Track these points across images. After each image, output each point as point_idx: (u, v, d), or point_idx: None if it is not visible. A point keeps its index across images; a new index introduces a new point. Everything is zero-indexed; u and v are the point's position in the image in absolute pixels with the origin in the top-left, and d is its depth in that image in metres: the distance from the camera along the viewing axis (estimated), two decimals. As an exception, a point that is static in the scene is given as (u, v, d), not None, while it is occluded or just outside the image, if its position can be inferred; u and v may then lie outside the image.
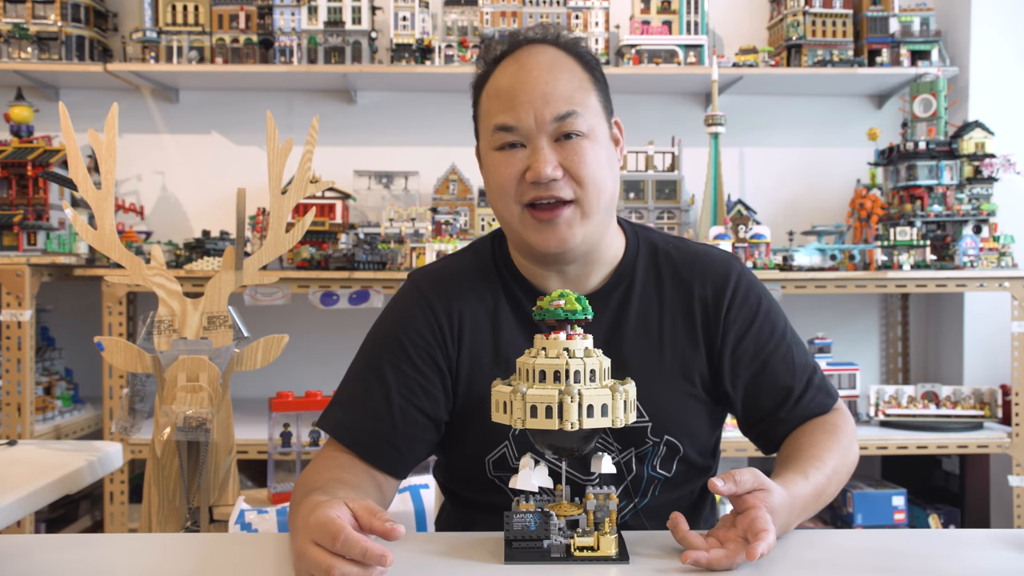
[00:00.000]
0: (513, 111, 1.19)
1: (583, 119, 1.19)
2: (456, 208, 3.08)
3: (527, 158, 1.19)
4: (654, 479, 1.26)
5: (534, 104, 1.18)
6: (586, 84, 1.22)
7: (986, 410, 2.90)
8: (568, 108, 1.18)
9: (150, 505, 1.42)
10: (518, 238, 1.25)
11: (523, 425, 0.98)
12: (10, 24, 3.00)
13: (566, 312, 1.00)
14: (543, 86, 1.18)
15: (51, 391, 2.89)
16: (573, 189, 1.19)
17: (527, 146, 1.20)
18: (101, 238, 1.43)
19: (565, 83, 1.20)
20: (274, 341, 1.47)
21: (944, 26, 3.29)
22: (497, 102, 1.22)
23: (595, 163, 1.19)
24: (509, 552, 1.00)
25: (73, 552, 1.11)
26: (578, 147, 1.19)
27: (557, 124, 1.18)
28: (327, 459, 1.21)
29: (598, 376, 1.00)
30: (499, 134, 1.21)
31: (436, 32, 3.24)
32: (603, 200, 1.21)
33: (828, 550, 1.07)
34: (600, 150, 1.21)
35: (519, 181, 1.20)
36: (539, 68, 1.20)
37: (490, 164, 1.24)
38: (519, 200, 1.21)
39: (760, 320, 1.28)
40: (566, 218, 1.20)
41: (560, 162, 1.18)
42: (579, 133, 1.19)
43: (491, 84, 1.24)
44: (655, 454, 1.25)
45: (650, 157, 3.17)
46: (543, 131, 1.18)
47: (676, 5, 3.16)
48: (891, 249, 2.85)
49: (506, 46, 1.25)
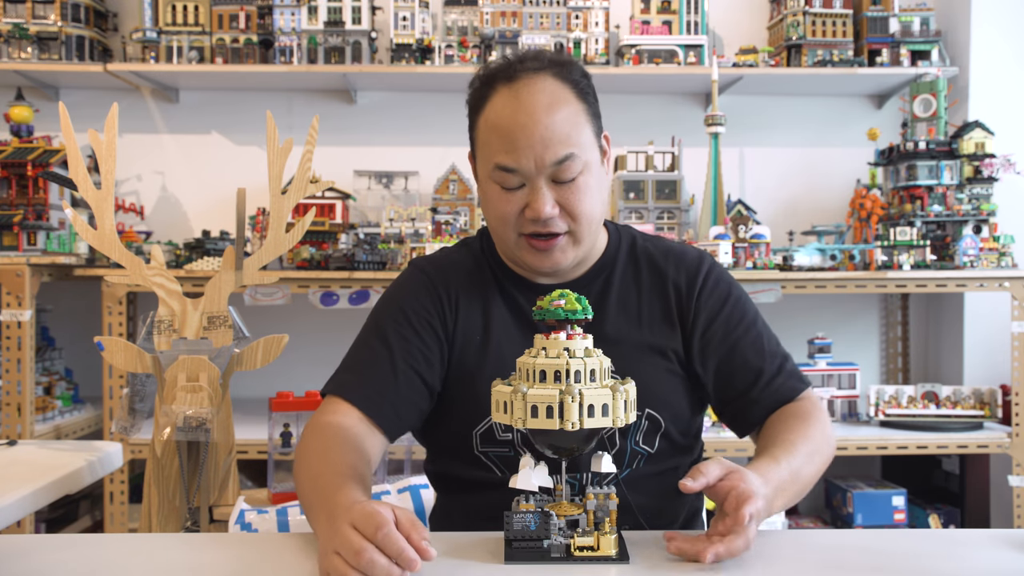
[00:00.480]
0: (513, 154, 1.25)
1: (579, 160, 1.26)
2: (456, 208, 3.08)
3: (526, 196, 1.27)
4: (637, 454, 1.29)
5: (534, 149, 1.24)
6: (581, 117, 1.28)
7: (986, 410, 2.90)
8: (566, 151, 1.24)
9: (150, 505, 1.42)
10: (513, 255, 1.34)
11: (524, 425, 0.98)
12: (10, 24, 3.00)
13: (566, 312, 1.01)
14: (542, 130, 1.24)
15: (51, 391, 2.89)
16: (568, 223, 1.28)
17: (526, 185, 1.27)
18: (101, 238, 1.43)
19: (563, 124, 1.25)
20: (274, 341, 1.47)
21: (944, 26, 3.29)
22: (497, 140, 1.27)
23: (590, 199, 1.28)
24: (509, 552, 1.00)
25: (73, 552, 1.11)
26: (574, 187, 1.27)
27: (555, 168, 1.25)
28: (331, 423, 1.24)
29: (598, 376, 1.00)
30: (499, 173, 1.27)
31: (436, 32, 3.24)
32: (594, 226, 1.31)
33: (828, 550, 1.07)
34: (593, 181, 1.29)
35: (518, 216, 1.28)
36: (537, 109, 1.25)
37: (490, 194, 1.31)
38: (517, 230, 1.29)
39: (730, 306, 1.35)
40: (560, 246, 1.29)
41: (557, 200, 1.26)
42: (575, 175, 1.26)
43: (489, 112, 1.29)
44: (637, 428, 1.28)
45: (650, 157, 3.17)
46: (542, 172, 1.25)
47: (676, 5, 3.16)
48: (891, 249, 2.85)
49: (503, 69, 1.29)
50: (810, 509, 3.34)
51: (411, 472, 2.35)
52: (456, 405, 1.32)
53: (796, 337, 3.17)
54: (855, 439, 2.80)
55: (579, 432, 0.98)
